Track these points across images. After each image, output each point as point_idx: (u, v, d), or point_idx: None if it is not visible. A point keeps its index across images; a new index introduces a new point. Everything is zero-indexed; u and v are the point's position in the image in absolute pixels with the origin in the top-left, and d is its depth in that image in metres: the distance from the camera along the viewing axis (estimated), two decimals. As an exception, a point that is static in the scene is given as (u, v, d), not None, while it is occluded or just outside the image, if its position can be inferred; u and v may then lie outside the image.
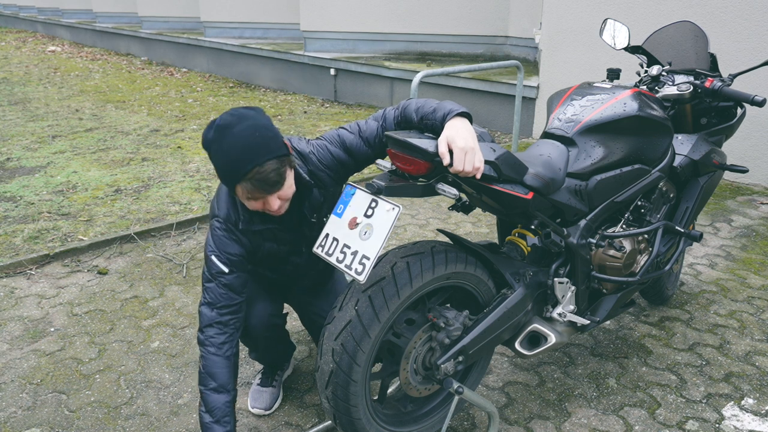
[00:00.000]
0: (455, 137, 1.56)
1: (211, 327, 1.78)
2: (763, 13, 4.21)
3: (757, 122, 4.42)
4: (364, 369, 1.67)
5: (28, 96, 8.16)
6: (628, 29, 2.50)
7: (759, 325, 2.72)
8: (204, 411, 1.75)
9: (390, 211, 1.57)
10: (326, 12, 8.23)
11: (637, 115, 2.01)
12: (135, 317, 2.80)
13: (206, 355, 1.77)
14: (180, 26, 12.53)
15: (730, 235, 3.66)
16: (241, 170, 1.58)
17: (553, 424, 2.12)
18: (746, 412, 2.18)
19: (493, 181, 1.69)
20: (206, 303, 1.79)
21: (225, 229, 1.78)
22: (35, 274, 3.21)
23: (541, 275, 1.99)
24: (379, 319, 1.63)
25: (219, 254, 1.77)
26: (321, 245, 1.70)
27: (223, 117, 1.62)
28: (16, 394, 2.27)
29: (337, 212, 1.69)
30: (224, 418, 1.74)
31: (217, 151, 1.61)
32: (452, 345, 1.79)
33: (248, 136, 1.58)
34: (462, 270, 1.77)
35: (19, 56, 12.63)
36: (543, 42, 5.54)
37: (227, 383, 1.77)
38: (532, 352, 1.97)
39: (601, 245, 2.02)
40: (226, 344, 1.79)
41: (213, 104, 7.74)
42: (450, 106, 1.67)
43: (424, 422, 1.96)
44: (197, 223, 3.84)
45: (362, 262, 1.57)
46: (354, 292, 1.67)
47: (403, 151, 1.61)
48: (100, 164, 5.11)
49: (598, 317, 2.14)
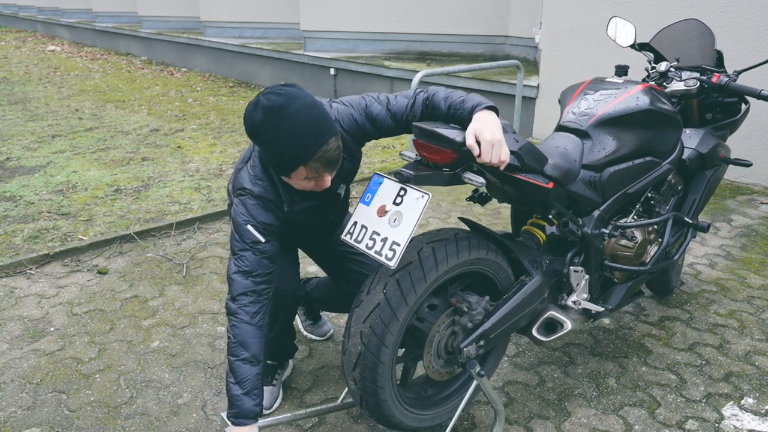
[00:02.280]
0: (483, 129, 1.61)
1: (245, 295, 1.73)
2: (763, 13, 4.21)
3: (757, 122, 4.42)
4: (391, 351, 1.72)
5: (27, 96, 8.16)
6: (634, 27, 2.56)
7: (759, 324, 2.72)
8: (233, 382, 1.70)
9: (420, 198, 1.63)
10: (326, 12, 8.23)
11: (648, 109, 2.07)
12: (135, 317, 2.80)
13: (238, 324, 1.72)
14: (180, 26, 12.53)
15: (729, 235, 3.66)
16: (309, 151, 1.55)
17: (552, 424, 2.12)
18: (746, 412, 2.18)
19: (516, 170, 1.75)
20: (241, 271, 1.73)
21: (260, 203, 1.73)
22: (35, 273, 3.21)
23: (557, 264, 2.05)
24: (407, 302, 1.69)
25: (255, 224, 1.72)
26: (349, 232, 1.74)
27: (268, 98, 1.55)
28: (16, 394, 2.27)
29: (364, 201, 1.74)
30: (254, 391, 1.70)
31: (277, 134, 1.54)
32: (474, 329, 1.85)
33: (307, 115, 1.54)
34: (484, 256, 1.83)
35: (19, 56, 12.63)
36: (543, 42, 5.54)
37: (258, 354, 1.72)
38: (548, 339, 2.03)
39: (614, 235, 2.09)
40: (259, 314, 1.74)
41: (213, 104, 7.74)
42: (478, 99, 1.71)
43: (444, 406, 2.01)
44: (197, 222, 3.84)
45: (392, 248, 1.62)
46: (382, 277, 1.72)
47: (430, 141, 1.67)
48: (100, 164, 5.11)
49: (610, 305, 2.21)
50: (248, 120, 1.58)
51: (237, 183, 1.79)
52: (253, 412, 1.69)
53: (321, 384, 2.34)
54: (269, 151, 1.60)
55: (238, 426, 1.68)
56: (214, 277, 3.17)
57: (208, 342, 2.61)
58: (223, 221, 3.89)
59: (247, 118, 1.58)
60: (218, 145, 5.71)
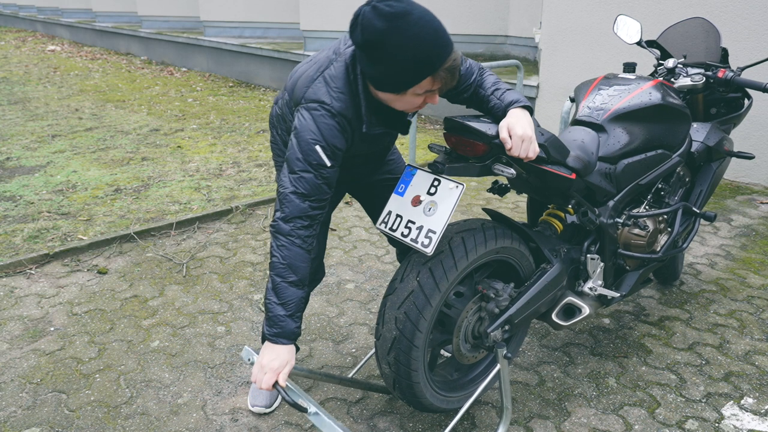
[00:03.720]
0: (515, 125, 1.69)
1: (300, 219, 1.65)
2: (763, 12, 4.21)
3: (757, 122, 4.42)
4: (425, 336, 1.80)
5: (27, 95, 8.15)
6: (640, 24, 2.66)
7: (759, 324, 2.72)
8: (277, 303, 1.64)
9: (454, 189, 1.71)
10: (326, 11, 8.23)
11: (660, 104, 2.20)
12: (135, 317, 2.80)
13: (289, 246, 1.64)
14: (180, 25, 12.53)
15: (729, 235, 3.66)
16: (441, 58, 1.48)
17: (552, 424, 2.13)
18: (746, 412, 2.18)
19: (542, 162, 1.85)
20: (298, 193, 1.63)
21: (336, 122, 1.62)
22: (35, 273, 3.21)
23: (574, 252, 2.16)
24: (440, 289, 1.77)
25: (326, 146, 1.62)
26: (384, 221, 1.81)
27: (387, 4, 1.45)
28: (16, 394, 2.27)
29: (398, 191, 1.82)
30: (297, 314, 1.65)
31: (403, 42, 1.44)
32: (500, 315, 1.95)
33: (432, 21, 1.46)
34: (509, 245, 1.93)
35: (19, 56, 12.62)
36: (543, 41, 5.54)
37: (305, 278, 1.66)
38: (567, 323, 2.16)
39: (627, 224, 2.21)
40: (310, 237, 1.67)
41: (213, 103, 7.74)
42: (516, 95, 1.79)
43: (469, 388, 2.12)
44: (197, 222, 3.84)
45: (428, 236, 1.70)
46: (414, 265, 1.80)
47: (461, 134, 1.75)
48: (100, 164, 5.11)
49: (623, 291, 2.34)
50: (367, 29, 1.46)
51: (310, 94, 1.64)
52: (295, 334, 1.65)
53: (321, 384, 2.34)
54: (390, 63, 1.48)
55: (278, 344, 1.63)
56: (214, 276, 3.18)
57: (208, 342, 2.61)
58: (223, 221, 3.90)
59: (366, 27, 1.46)
60: (218, 145, 5.71)
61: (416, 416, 2.16)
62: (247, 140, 5.90)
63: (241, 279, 3.14)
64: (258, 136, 6.05)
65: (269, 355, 1.62)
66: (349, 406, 2.22)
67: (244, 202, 4.12)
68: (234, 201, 4.19)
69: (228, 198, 4.27)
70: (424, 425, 2.12)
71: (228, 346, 2.58)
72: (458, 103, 1.92)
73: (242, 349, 1.76)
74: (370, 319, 2.77)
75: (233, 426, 2.12)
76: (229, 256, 3.40)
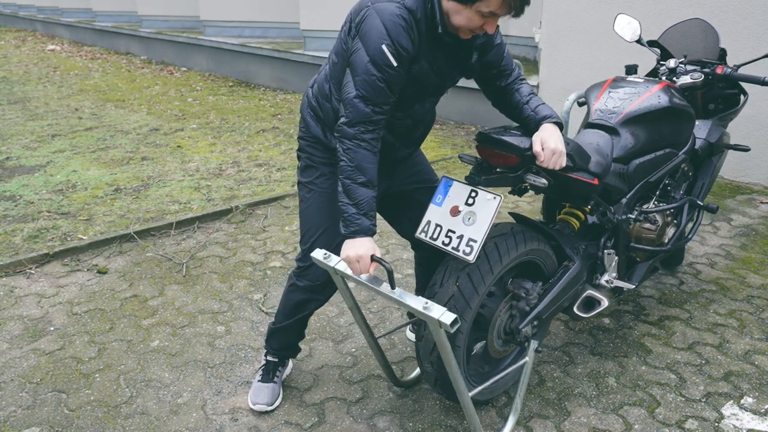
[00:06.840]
0: (548, 140, 1.84)
1: (363, 124, 1.66)
2: (763, 12, 4.21)
3: (756, 122, 4.42)
4: (465, 336, 1.91)
5: (27, 95, 8.15)
6: (640, 23, 2.77)
7: (758, 324, 2.72)
8: (350, 203, 1.68)
9: (492, 200, 1.80)
10: (326, 11, 8.22)
11: (669, 106, 2.32)
12: (135, 316, 2.80)
13: (355, 148, 1.66)
14: (179, 25, 12.52)
15: (729, 234, 3.66)
16: None
17: (552, 423, 2.13)
18: (745, 411, 2.18)
19: (569, 170, 1.97)
20: (361, 96, 1.64)
21: (405, 21, 1.60)
22: (35, 273, 3.21)
23: (591, 248, 2.30)
24: (478, 293, 1.87)
25: (391, 44, 1.59)
26: (423, 231, 1.89)
27: None
28: (16, 393, 2.27)
29: (436, 201, 1.89)
30: (371, 212, 1.69)
31: None
32: (530, 312, 2.07)
33: None
34: (536, 247, 2.04)
35: (19, 55, 12.62)
36: (543, 41, 5.54)
37: (374, 179, 1.69)
38: (588, 315, 2.30)
39: (639, 220, 2.37)
40: (375, 140, 1.69)
41: (212, 103, 7.73)
42: (550, 111, 1.94)
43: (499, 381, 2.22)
44: (197, 222, 3.84)
45: (470, 244, 1.79)
46: (453, 271, 1.90)
47: (494, 147, 1.86)
48: (100, 163, 5.10)
49: (634, 281, 2.49)
50: None
51: None
52: (371, 230, 1.70)
53: (321, 383, 2.34)
54: None
55: (357, 237, 1.68)
56: (213, 276, 3.18)
57: (208, 341, 2.61)
58: (223, 221, 3.89)
59: None
60: (218, 145, 5.71)
61: (416, 416, 2.16)
62: (246, 140, 5.90)
63: (240, 279, 3.14)
64: (258, 136, 6.05)
65: (353, 248, 1.69)
66: (348, 406, 2.22)
67: (244, 201, 4.12)
68: (234, 201, 4.19)
69: (228, 198, 4.27)
70: (424, 425, 2.12)
71: (228, 346, 2.58)
72: (487, 89, 2.01)
73: (315, 255, 1.78)
74: (370, 318, 2.77)
75: (233, 426, 2.12)
76: (229, 256, 3.40)
